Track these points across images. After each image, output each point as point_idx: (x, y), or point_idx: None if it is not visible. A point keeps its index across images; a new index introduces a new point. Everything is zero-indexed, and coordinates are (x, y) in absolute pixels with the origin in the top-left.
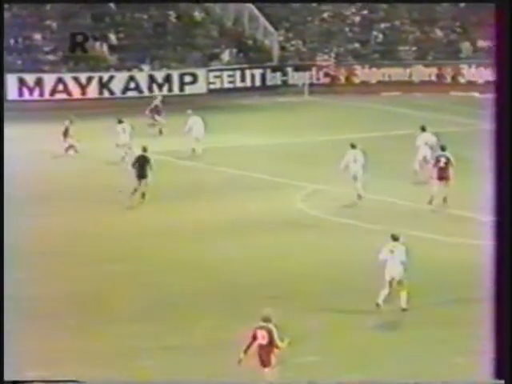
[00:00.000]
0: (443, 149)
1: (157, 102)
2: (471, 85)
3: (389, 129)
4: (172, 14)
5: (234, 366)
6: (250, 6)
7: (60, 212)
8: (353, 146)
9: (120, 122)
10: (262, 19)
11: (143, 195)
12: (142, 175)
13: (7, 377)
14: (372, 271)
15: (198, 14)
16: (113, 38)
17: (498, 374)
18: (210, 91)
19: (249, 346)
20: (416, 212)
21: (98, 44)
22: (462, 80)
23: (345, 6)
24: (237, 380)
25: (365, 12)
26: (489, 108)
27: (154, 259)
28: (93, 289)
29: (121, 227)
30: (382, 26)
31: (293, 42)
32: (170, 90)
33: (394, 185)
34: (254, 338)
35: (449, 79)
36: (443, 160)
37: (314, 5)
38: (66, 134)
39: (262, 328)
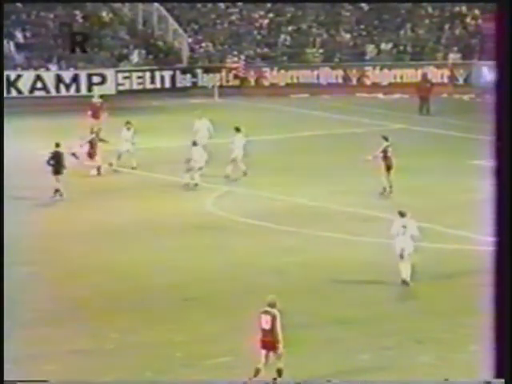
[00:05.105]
0: (387, 139)
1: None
2: (376, 86)
3: (298, 130)
4: (78, 14)
5: (146, 367)
6: (159, 7)
7: None
8: (237, 130)
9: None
10: (171, 21)
11: (58, 192)
12: (58, 171)
13: None
14: (282, 272)
15: (105, 15)
16: (19, 36)
17: (498, 372)
18: (119, 92)
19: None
20: (327, 212)
21: (4, 42)
22: (367, 82)
23: (252, 8)
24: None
25: (272, 15)
26: (393, 109)
27: (63, 261)
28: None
29: (29, 229)
30: (290, 28)
31: (202, 44)
32: (78, 90)
33: (304, 186)
34: (260, 323)
35: (354, 81)
36: (390, 150)
37: (222, 7)
38: (92, 147)
39: (266, 313)
